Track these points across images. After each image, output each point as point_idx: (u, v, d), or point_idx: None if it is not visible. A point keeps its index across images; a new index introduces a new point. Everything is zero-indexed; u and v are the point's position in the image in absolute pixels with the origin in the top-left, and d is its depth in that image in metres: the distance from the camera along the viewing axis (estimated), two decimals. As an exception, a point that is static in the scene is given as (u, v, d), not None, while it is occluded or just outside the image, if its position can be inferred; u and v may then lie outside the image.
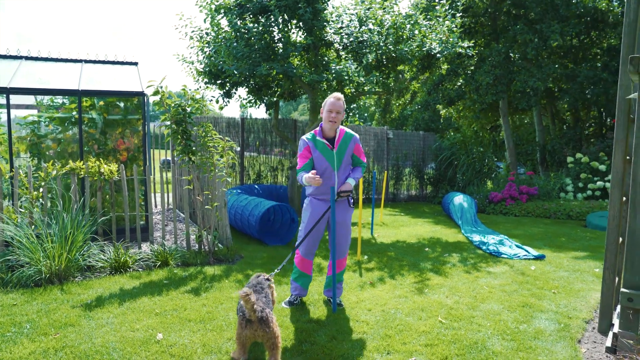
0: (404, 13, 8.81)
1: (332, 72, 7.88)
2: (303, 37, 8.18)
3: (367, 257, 5.87)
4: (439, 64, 9.99)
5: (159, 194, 10.83)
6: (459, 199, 9.35)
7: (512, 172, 12.76)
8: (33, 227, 4.88)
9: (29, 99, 6.51)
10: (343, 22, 8.47)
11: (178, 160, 5.78)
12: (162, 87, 5.28)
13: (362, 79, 8.04)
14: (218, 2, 8.21)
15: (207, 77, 8.65)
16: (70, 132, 6.14)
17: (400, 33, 8.34)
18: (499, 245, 6.49)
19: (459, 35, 9.31)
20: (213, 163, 5.60)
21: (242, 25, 7.77)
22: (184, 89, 5.54)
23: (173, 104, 5.35)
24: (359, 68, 8.10)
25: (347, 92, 8.76)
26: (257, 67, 7.52)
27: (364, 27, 8.31)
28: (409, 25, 8.43)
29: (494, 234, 7.41)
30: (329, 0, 8.40)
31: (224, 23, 8.41)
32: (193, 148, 5.57)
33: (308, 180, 3.58)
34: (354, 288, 4.52)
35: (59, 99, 6.17)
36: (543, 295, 4.38)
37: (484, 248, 6.43)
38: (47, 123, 6.09)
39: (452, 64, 13.57)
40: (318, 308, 3.93)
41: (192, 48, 8.79)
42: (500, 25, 13.78)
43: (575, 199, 10.93)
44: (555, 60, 13.46)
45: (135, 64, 7.00)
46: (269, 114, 10.62)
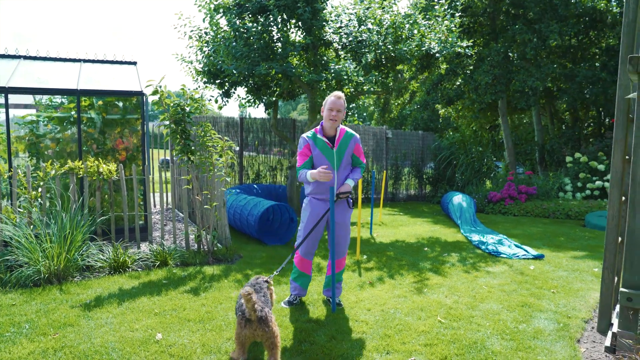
0: (403, 13, 8.82)
1: (331, 71, 7.87)
2: (302, 36, 8.17)
3: (366, 256, 5.87)
4: (438, 64, 9.99)
5: (158, 194, 10.83)
6: (458, 199, 9.35)
7: (511, 171, 12.77)
8: (32, 227, 4.87)
9: (28, 99, 6.51)
10: (342, 21, 8.48)
11: (177, 160, 5.77)
12: (161, 86, 5.27)
13: (361, 79, 8.04)
14: (217, 1, 8.21)
15: (206, 76, 8.65)
16: (69, 131, 6.13)
17: (399, 33, 8.34)
18: (498, 245, 6.50)
19: (458, 35, 9.31)
20: (212, 163, 5.59)
21: (241, 25, 7.76)
22: (183, 89, 5.53)
23: (172, 104, 5.34)
24: (358, 68, 8.10)
25: (346, 91, 8.76)
26: (256, 66, 7.52)
27: (363, 26, 8.31)
28: (408, 25, 8.43)
29: (493, 234, 7.42)
30: (328, 0, 8.40)
31: (223, 22, 8.41)
32: (192, 148, 5.56)
33: (319, 175, 3.51)
34: (353, 288, 4.52)
35: (58, 99, 6.16)
36: (542, 295, 4.39)
37: (483, 248, 6.43)
38: (45, 123, 6.08)
39: (451, 64, 13.57)
40: (317, 308, 3.93)
41: (191, 47, 8.78)
42: (499, 25, 13.79)
43: (574, 199, 10.94)
44: (554, 60, 13.47)
45: (134, 64, 6.99)
46: (268, 114, 10.62)
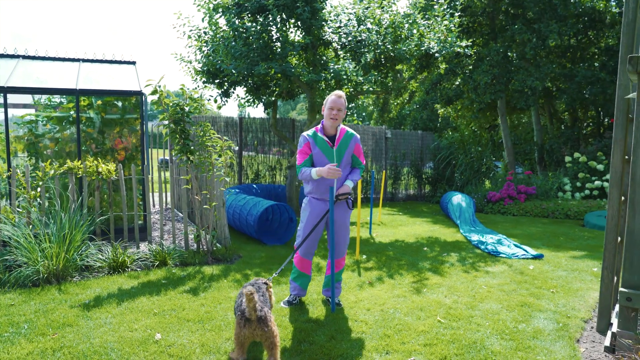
0: (402, 12, 8.82)
1: (330, 71, 7.87)
2: (301, 36, 8.17)
3: (365, 256, 5.87)
4: (437, 64, 9.98)
5: (157, 194, 10.82)
6: (458, 199, 9.35)
7: (510, 171, 12.78)
8: (31, 226, 4.86)
9: (27, 98, 6.49)
10: (341, 21, 8.47)
11: (176, 160, 5.76)
12: (160, 86, 5.26)
13: (360, 79, 8.04)
14: (216, 1, 8.20)
15: (205, 76, 8.64)
16: (68, 131, 6.12)
17: (399, 32, 8.34)
18: (498, 245, 6.50)
19: (457, 35, 9.31)
20: (211, 162, 5.59)
21: (240, 25, 7.75)
22: (182, 88, 5.52)
23: (171, 103, 5.33)
24: (357, 67, 8.10)
25: (345, 91, 8.76)
26: (255, 66, 7.51)
27: (362, 26, 8.31)
28: (407, 25, 8.43)
29: (493, 234, 7.42)
30: (327, 0, 8.39)
31: (222, 22, 8.41)
32: (191, 147, 5.55)
33: (327, 173, 3.53)
34: (353, 288, 4.51)
35: (57, 98, 6.16)
36: (542, 295, 4.39)
37: (483, 247, 6.43)
38: (44, 122, 6.07)
39: (450, 64, 13.58)
40: (317, 308, 3.93)
41: (190, 47, 8.78)
42: (499, 25, 13.79)
43: (573, 199, 10.95)
44: (553, 60, 13.49)
45: (133, 63, 6.98)
46: (267, 114, 10.62)
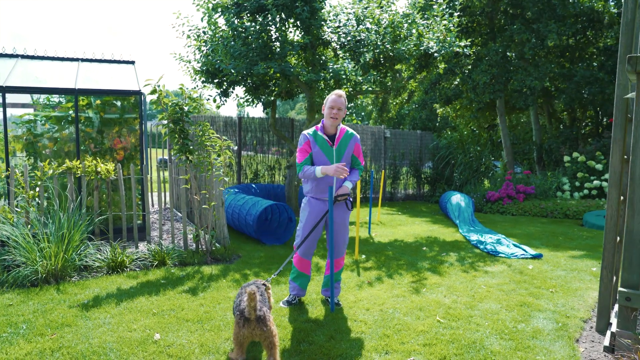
0: (402, 12, 8.82)
1: (329, 71, 7.87)
2: (300, 36, 8.16)
3: (364, 256, 5.87)
4: (436, 63, 9.99)
5: (156, 193, 10.80)
6: (457, 198, 9.36)
7: (509, 171, 12.79)
8: (29, 226, 4.85)
9: (25, 98, 6.48)
10: (340, 21, 8.47)
11: (175, 159, 5.76)
12: (159, 85, 5.26)
13: (359, 78, 8.04)
14: (215, 1, 8.19)
15: (204, 76, 8.63)
16: (67, 131, 6.11)
17: (398, 32, 8.34)
18: (497, 245, 6.50)
19: (456, 35, 9.31)
20: (210, 162, 5.58)
21: (239, 24, 7.75)
22: (182, 88, 5.52)
23: (170, 103, 5.33)
24: (357, 67, 8.10)
25: (344, 91, 8.76)
26: (254, 66, 7.50)
27: (362, 26, 8.31)
28: (407, 25, 8.43)
29: (492, 233, 7.42)
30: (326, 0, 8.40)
31: (221, 22, 8.40)
32: (190, 147, 5.55)
33: (334, 171, 3.54)
34: (352, 287, 4.51)
35: (56, 98, 6.14)
36: (541, 295, 4.39)
37: (482, 247, 6.43)
38: (43, 122, 6.06)
39: (449, 63, 13.59)
40: (316, 308, 3.92)
41: (189, 47, 8.77)
42: (498, 25, 13.80)
43: (572, 198, 10.96)
44: (552, 60, 13.50)
45: (132, 63, 6.97)
46: (266, 113, 10.61)
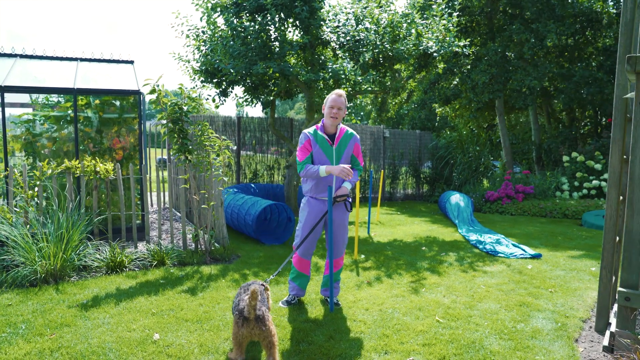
0: (401, 12, 8.82)
1: (328, 70, 7.87)
2: (299, 35, 8.16)
3: (364, 256, 5.87)
4: (436, 63, 9.99)
5: (155, 193, 10.80)
6: (456, 198, 9.36)
7: (508, 171, 12.80)
8: (28, 226, 4.84)
9: (24, 98, 6.47)
10: (340, 20, 8.47)
11: (174, 159, 5.75)
12: (158, 85, 5.25)
13: (358, 78, 8.04)
14: (214, 0, 8.18)
15: (203, 75, 8.63)
16: (66, 130, 6.10)
17: (397, 32, 8.34)
18: (496, 244, 6.50)
19: (456, 34, 9.31)
20: (209, 162, 5.58)
21: (238, 24, 7.74)
22: (181, 88, 5.51)
23: (169, 103, 5.32)
24: (356, 67, 8.10)
25: (343, 90, 8.76)
26: (253, 65, 7.50)
27: (361, 25, 8.31)
28: (406, 24, 8.43)
29: (491, 233, 7.43)
30: (326, -1, 8.40)
31: (221, 21, 8.39)
32: (189, 147, 5.54)
33: (339, 171, 3.55)
34: (351, 287, 4.51)
35: (54, 98, 6.13)
36: (540, 294, 4.39)
37: (481, 247, 6.44)
38: (42, 122, 6.05)
39: (448, 63, 13.60)
40: (315, 307, 3.92)
41: (188, 47, 8.76)
42: (497, 25, 13.81)
43: (571, 198, 10.97)
44: (551, 60, 13.51)
45: (131, 63, 6.96)
46: (266, 113, 10.61)
